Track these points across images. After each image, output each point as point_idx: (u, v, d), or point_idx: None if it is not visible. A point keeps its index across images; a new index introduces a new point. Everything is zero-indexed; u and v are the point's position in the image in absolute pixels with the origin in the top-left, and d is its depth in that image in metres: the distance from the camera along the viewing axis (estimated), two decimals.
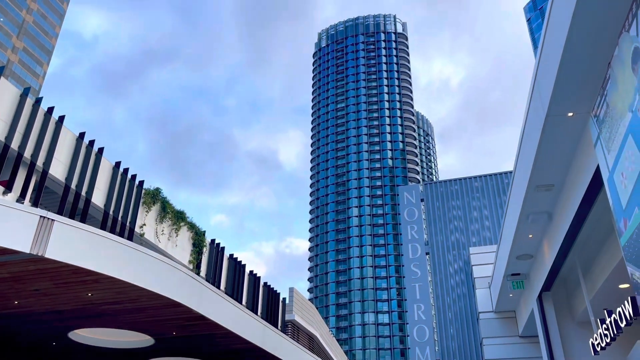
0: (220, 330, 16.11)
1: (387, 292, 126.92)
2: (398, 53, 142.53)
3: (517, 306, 22.96)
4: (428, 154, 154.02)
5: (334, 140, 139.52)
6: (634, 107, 8.76)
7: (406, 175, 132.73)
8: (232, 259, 25.71)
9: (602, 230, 14.35)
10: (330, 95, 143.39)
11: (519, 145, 14.40)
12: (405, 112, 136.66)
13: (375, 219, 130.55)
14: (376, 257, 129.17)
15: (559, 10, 9.99)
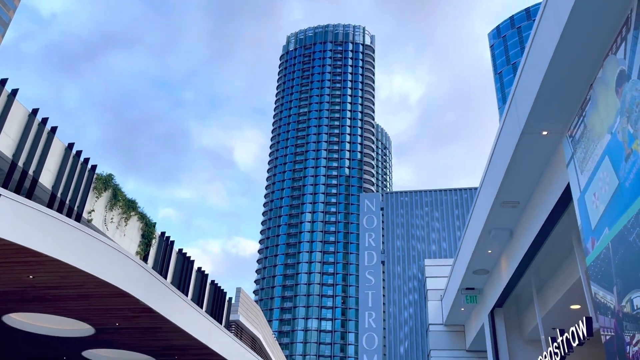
0: (167, 324, 15.47)
1: (333, 299, 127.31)
2: (364, 65, 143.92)
3: (466, 320, 23.19)
4: (384, 166, 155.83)
5: (294, 144, 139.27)
6: (614, 129, 8.84)
7: (361, 186, 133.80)
8: (181, 254, 24.98)
9: (560, 251, 14.56)
10: (294, 99, 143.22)
11: (489, 160, 14.46)
12: (366, 123, 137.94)
13: (327, 226, 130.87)
14: (325, 264, 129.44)
15: (546, 30, 10.02)
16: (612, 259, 8.99)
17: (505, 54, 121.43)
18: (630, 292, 8.40)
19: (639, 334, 8.14)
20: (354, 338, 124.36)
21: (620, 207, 8.65)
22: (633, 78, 8.20)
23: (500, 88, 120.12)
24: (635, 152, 8.16)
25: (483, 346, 22.56)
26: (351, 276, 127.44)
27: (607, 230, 9.14)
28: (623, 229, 8.56)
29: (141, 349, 18.44)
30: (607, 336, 9.32)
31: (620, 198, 8.67)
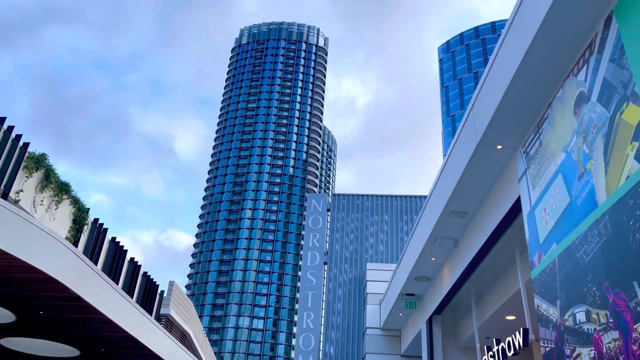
0: (97, 315, 14.73)
1: (267, 298, 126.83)
2: (316, 66, 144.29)
3: (403, 326, 23.57)
4: (328, 168, 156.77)
5: (239, 139, 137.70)
6: (569, 148, 9.15)
7: (304, 186, 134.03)
8: (114, 242, 24.02)
9: (501, 263, 15.00)
10: (243, 93, 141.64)
11: (442, 169, 14.70)
12: (314, 124, 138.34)
13: (267, 224, 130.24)
14: (261, 262, 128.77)
15: (511, 47, 10.25)
16: (558, 274, 9.29)
17: (453, 69, 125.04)
18: (574, 307, 8.69)
19: (579, 347, 8.44)
20: (284, 338, 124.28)
21: (570, 224, 8.95)
22: (592, 100, 8.50)
23: (446, 102, 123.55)
24: (589, 172, 8.46)
25: (418, 352, 22.99)
26: (287, 276, 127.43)
27: (555, 245, 9.44)
28: (571, 245, 8.86)
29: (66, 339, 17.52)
30: (547, 348, 9.62)
31: (570, 215, 8.97)
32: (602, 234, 7.99)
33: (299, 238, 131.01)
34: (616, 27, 8.01)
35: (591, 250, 8.28)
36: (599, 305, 7.95)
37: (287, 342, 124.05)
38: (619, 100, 7.79)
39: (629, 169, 7.43)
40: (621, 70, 7.81)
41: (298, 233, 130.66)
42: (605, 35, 8.31)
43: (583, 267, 8.47)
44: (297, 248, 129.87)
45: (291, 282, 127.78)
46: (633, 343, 7.04)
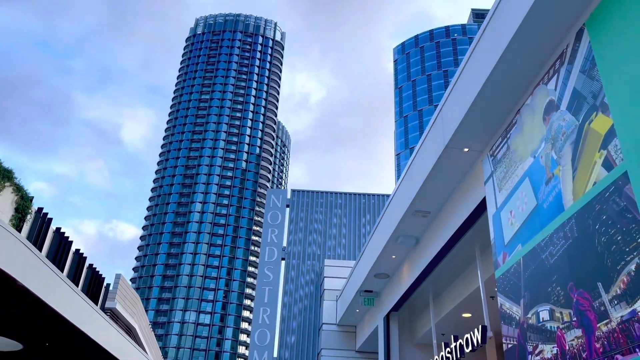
0: (46, 310, 14.17)
1: (215, 293, 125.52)
2: (272, 60, 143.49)
3: (359, 322, 23.88)
4: (281, 164, 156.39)
5: (191, 130, 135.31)
6: (537, 154, 9.53)
7: (257, 181, 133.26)
8: (59, 232, 23.16)
9: (461, 262, 15.44)
10: (197, 84, 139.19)
11: (407, 168, 14.97)
12: (268, 119, 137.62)
13: (217, 219, 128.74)
14: (210, 257, 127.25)
15: (483, 54, 10.56)
16: (523, 274, 9.67)
17: (407, 71, 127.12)
18: (538, 306, 9.08)
19: (542, 344, 8.83)
20: (231, 333, 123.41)
21: (536, 226, 9.33)
22: (562, 109, 8.89)
23: (399, 102, 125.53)
24: (557, 177, 8.85)
25: (373, 347, 23.37)
26: (236, 271, 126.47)
27: (520, 246, 9.83)
28: (536, 247, 9.25)
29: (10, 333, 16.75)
30: (509, 345, 10.01)
31: (536, 218, 9.36)
32: (567, 237, 8.38)
33: (250, 233, 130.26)
34: (587, 39, 8.40)
35: (556, 252, 8.67)
36: (563, 305, 8.35)
37: (234, 337, 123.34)
38: (588, 109, 8.19)
39: (596, 175, 7.82)
40: (591, 81, 8.20)
41: (249, 228, 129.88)
42: (576, 47, 8.70)
43: (548, 268, 8.85)
44: (247, 243, 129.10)
45: (240, 277, 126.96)
46: (596, 341, 7.44)
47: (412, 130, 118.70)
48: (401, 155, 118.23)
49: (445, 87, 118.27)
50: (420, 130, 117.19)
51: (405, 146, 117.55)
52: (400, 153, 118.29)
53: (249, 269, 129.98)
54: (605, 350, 7.21)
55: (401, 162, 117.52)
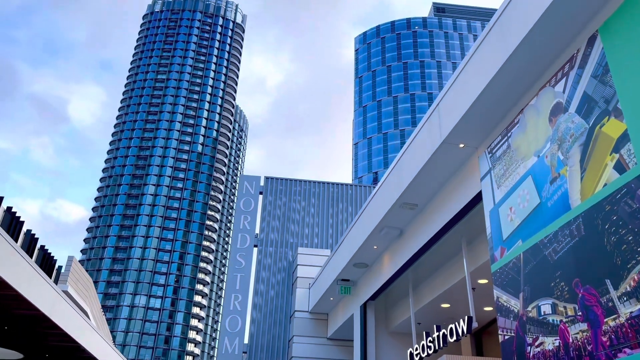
0: (9, 291, 13.56)
1: (166, 277, 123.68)
2: (232, 43, 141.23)
3: (331, 310, 24.12)
4: (238, 149, 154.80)
5: (146, 110, 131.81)
6: (542, 153, 9.86)
7: (212, 165, 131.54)
8: (10, 212, 22.20)
9: (444, 254, 15.82)
10: (153, 63, 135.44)
11: (397, 160, 15.14)
12: (227, 102, 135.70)
13: (170, 202, 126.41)
14: (162, 240, 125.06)
15: (489, 54, 10.76)
16: (522, 269, 10.03)
17: (368, 60, 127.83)
18: (539, 300, 9.46)
19: (543, 337, 9.21)
20: (182, 318, 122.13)
21: (539, 223, 9.68)
22: (570, 111, 9.22)
23: (359, 91, 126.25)
24: (563, 177, 9.19)
25: (345, 335, 23.70)
26: (189, 255, 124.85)
27: (521, 242, 10.17)
28: (539, 243, 9.60)
29: None
30: (505, 336, 10.38)
31: (539, 215, 9.70)
32: (574, 235, 8.74)
33: (204, 218, 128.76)
34: (600, 46, 8.72)
35: (561, 248, 9.03)
36: (567, 299, 8.72)
37: (185, 322, 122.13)
38: (600, 113, 8.53)
39: (606, 177, 8.18)
40: (604, 87, 8.53)
41: (203, 212, 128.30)
42: (588, 52, 9.01)
43: (551, 264, 9.22)
44: (201, 227, 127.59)
45: (192, 262, 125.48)
46: (602, 335, 7.83)
47: (370, 120, 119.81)
48: (359, 145, 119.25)
49: (404, 78, 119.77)
50: (378, 121, 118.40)
51: (364, 136, 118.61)
52: (358, 142, 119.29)
53: (202, 254, 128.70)
54: (613, 344, 7.61)
55: (359, 151, 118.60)
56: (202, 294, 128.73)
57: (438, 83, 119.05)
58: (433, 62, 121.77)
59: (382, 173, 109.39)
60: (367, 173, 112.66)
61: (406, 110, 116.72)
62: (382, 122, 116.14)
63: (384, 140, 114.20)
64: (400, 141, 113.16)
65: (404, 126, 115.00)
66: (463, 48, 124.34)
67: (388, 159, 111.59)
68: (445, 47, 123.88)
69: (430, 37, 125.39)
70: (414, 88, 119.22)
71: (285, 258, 26.14)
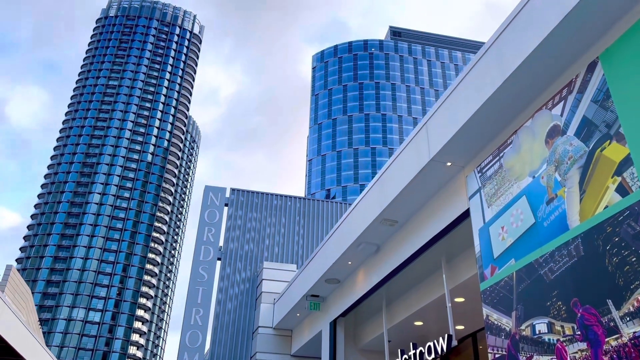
0: None
1: (108, 289, 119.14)
2: (189, 53, 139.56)
3: (296, 326, 23.70)
4: (189, 159, 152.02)
5: (95, 116, 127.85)
6: (538, 174, 10.05)
7: (162, 175, 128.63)
8: None
9: (421, 271, 15.87)
10: (105, 68, 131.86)
11: (380, 176, 15.13)
12: (180, 112, 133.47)
13: (116, 212, 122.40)
14: (106, 251, 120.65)
15: (485, 75, 10.94)
16: (515, 287, 10.13)
17: (325, 79, 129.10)
18: (533, 318, 9.55)
19: (537, 355, 9.28)
20: (123, 332, 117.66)
21: (534, 243, 9.82)
22: (569, 134, 9.46)
23: (315, 108, 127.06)
24: (560, 198, 9.38)
25: (309, 352, 23.31)
26: (133, 268, 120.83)
27: (514, 261, 10.29)
28: (534, 263, 9.72)
29: None
30: (495, 354, 10.42)
31: (534, 235, 9.85)
32: (572, 255, 8.90)
33: (151, 229, 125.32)
34: (601, 72, 9.01)
35: (558, 268, 9.17)
36: (564, 319, 8.84)
37: (126, 336, 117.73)
38: (601, 137, 8.77)
39: (608, 199, 8.39)
40: (605, 112, 8.80)
41: (150, 224, 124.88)
42: (587, 78, 9.30)
43: (547, 283, 9.34)
44: (147, 239, 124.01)
45: (137, 275, 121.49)
46: (604, 354, 7.95)
47: (325, 137, 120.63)
48: (313, 161, 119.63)
49: (360, 99, 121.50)
50: (333, 139, 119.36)
51: (318, 152, 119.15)
52: (312, 159, 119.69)
53: (147, 267, 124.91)
54: None
55: (312, 167, 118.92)
56: (145, 307, 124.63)
57: (392, 105, 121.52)
58: (388, 84, 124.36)
59: (335, 190, 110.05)
60: (319, 190, 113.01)
61: (360, 129, 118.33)
62: (337, 140, 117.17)
63: (338, 158, 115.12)
64: (353, 160, 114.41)
65: (357, 145, 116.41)
66: (417, 72, 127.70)
67: (341, 177, 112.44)
68: (400, 70, 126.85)
69: (386, 60, 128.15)
70: (368, 108, 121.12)
71: (250, 271, 25.60)
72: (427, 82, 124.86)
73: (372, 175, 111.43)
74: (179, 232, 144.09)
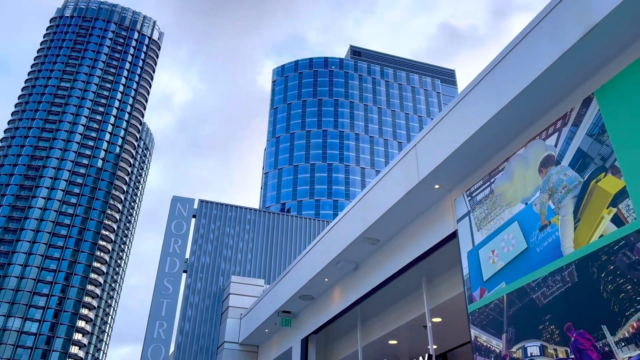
0: None
1: (47, 299, 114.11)
2: (146, 59, 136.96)
3: (263, 342, 23.37)
4: (141, 167, 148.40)
5: (44, 118, 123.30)
6: (530, 201, 10.44)
7: (112, 182, 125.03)
8: None
9: (398, 291, 16.06)
10: (57, 69, 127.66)
11: (364, 195, 15.27)
12: (134, 118, 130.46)
13: (61, 218, 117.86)
14: (47, 259, 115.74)
15: (479, 104, 11.32)
16: (506, 310, 10.42)
17: (284, 93, 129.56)
18: (524, 341, 9.84)
19: None
20: (61, 344, 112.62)
21: (526, 267, 10.16)
22: (563, 164, 9.89)
23: (273, 122, 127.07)
24: (554, 225, 9.77)
25: None
26: (76, 277, 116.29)
27: (504, 284, 10.60)
28: (525, 287, 10.05)
29: None
30: None
31: (527, 260, 10.19)
32: (566, 280, 9.26)
33: (97, 237, 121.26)
34: (597, 107, 9.51)
35: (551, 293, 9.52)
36: (557, 342, 9.16)
37: (64, 349, 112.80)
38: (596, 169, 9.22)
39: (603, 229, 8.80)
40: (600, 145, 9.27)
41: (96, 232, 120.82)
42: (582, 112, 9.78)
43: (540, 307, 9.67)
44: (92, 247, 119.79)
45: (80, 284, 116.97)
46: None
47: (282, 151, 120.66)
48: (269, 174, 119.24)
49: (318, 114, 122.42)
50: (290, 153, 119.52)
51: (275, 166, 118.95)
52: (269, 172, 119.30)
53: (92, 276, 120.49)
54: None
55: (269, 180, 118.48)
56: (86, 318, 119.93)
57: (350, 122, 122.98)
58: (346, 102, 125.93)
59: (290, 204, 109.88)
60: (275, 203, 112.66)
61: (318, 145, 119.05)
62: (294, 155, 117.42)
63: (295, 172, 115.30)
64: (310, 175, 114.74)
65: (314, 160, 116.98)
66: (375, 92, 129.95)
67: (297, 191, 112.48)
68: (359, 89, 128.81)
69: (345, 78, 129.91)
70: (326, 125, 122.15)
71: (217, 285, 25.15)
72: (385, 102, 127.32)
73: (327, 190, 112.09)
74: (127, 241, 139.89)
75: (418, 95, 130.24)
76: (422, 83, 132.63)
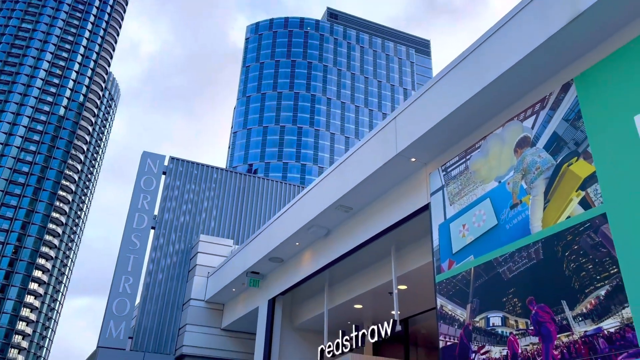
0: None
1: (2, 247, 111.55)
2: (114, 4, 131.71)
3: (229, 301, 23.70)
4: (105, 118, 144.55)
5: (3, 60, 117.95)
6: (504, 180, 10.83)
7: (75, 131, 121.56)
8: None
9: (367, 258, 16.51)
10: (18, 9, 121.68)
11: (340, 163, 15.46)
12: (100, 67, 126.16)
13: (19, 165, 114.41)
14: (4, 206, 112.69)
15: (462, 81, 11.52)
16: (472, 282, 10.92)
17: (257, 52, 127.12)
18: (488, 312, 10.38)
19: (489, 345, 10.13)
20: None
21: (494, 243, 10.62)
22: (538, 146, 10.27)
23: (244, 80, 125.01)
24: (524, 204, 10.21)
25: (241, 327, 23.49)
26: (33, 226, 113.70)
27: (472, 257, 11.07)
28: (493, 261, 10.53)
29: None
30: (447, 342, 11.21)
31: (495, 235, 10.65)
32: (532, 257, 9.76)
33: (57, 187, 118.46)
34: (575, 93, 9.85)
35: (517, 268, 10.01)
36: (519, 314, 9.71)
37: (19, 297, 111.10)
38: (569, 153, 9.62)
39: (571, 210, 9.26)
40: (575, 130, 9.65)
41: (56, 181, 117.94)
42: (561, 97, 10.11)
43: (504, 281, 10.18)
44: (52, 197, 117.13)
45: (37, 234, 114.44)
46: (554, 349, 8.87)
47: (252, 111, 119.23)
48: (238, 134, 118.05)
49: (291, 76, 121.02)
50: (260, 113, 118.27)
51: (244, 126, 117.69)
52: (237, 132, 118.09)
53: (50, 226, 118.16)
54: (564, 357, 8.65)
55: (237, 140, 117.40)
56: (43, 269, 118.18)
57: (322, 86, 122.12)
58: (320, 65, 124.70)
59: (258, 165, 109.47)
60: (242, 163, 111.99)
61: (289, 107, 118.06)
62: (264, 116, 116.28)
63: (264, 133, 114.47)
64: (279, 137, 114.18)
65: (285, 123, 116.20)
66: (349, 57, 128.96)
67: (265, 153, 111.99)
68: (334, 52, 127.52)
69: (320, 40, 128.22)
70: (299, 87, 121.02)
71: (184, 243, 25.19)
72: (359, 68, 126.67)
73: (296, 154, 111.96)
74: (87, 192, 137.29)
75: (392, 64, 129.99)
76: (397, 51, 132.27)
